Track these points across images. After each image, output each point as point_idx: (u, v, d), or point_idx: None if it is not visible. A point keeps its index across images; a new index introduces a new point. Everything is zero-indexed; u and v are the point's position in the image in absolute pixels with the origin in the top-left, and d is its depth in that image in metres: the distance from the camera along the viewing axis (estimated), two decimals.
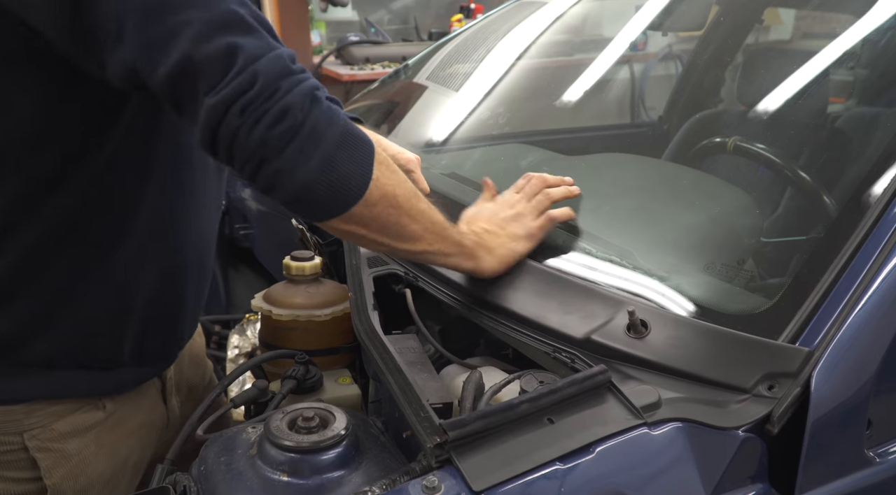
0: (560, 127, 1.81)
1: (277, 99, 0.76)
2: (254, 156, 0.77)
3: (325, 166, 0.80)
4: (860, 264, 0.89)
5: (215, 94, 0.75)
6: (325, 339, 1.23)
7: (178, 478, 0.85)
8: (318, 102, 0.80)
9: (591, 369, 0.83)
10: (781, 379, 0.82)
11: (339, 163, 0.81)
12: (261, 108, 0.76)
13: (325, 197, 0.81)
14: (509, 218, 1.10)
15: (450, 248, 0.98)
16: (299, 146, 0.78)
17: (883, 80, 1.34)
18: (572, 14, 1.94)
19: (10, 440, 0.96)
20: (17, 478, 0.98)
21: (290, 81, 0.78)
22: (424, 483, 0.73)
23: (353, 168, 0.82)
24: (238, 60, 0.75)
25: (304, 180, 0.79)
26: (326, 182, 0.80)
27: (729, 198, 1.24)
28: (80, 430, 0.99)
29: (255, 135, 0.76)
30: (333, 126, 0.81)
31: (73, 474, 0.99)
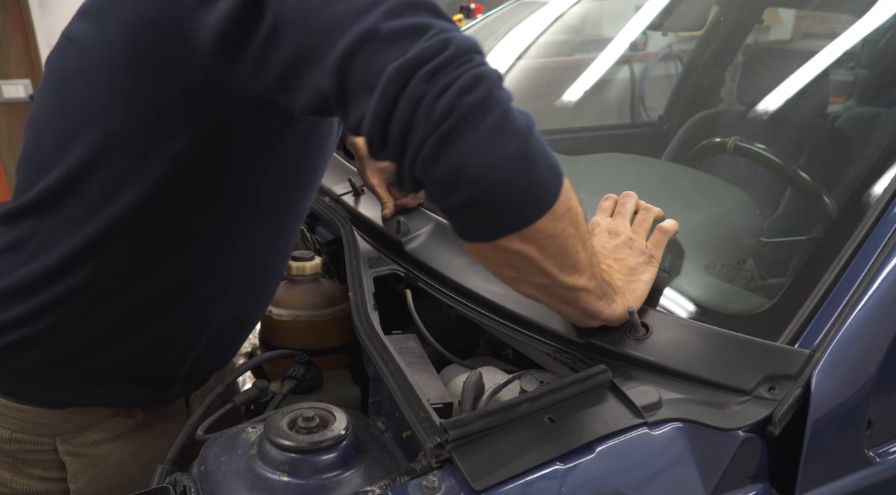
0: (560, 127, 1.81)
1: (472, 66, 0.65)
2: (438, 128, 0.63)
3: (525, 159, 0.65)
4: (860, 264, 0.89)
5: (400, 59, 0.64)
6: (325, 339, 1.23)
7: (178, 478, 0.85)
8: (507, 90, 0.68)
9: (592, 369, 0.83)
10: (782, 381, 0.82)
11: (536, 157, 0.66)
12: (452, 73, 0.63)
13: (517, 198, 0.67)
14: (620, 246, 0.95)
15: (602, 288, 0.84)
16: (497, 124, 0.64)
17: (883, 80, 1.34)
18: (572, 14, 1.94)
19: (43, 441, 0.97)
20: (42, 477, 1.00)
21: (481, 57, 0.67)
22: (424, 483, 0.73)
23: (548, 167, 0.68)
24: (429, 31, 0.65)
25: (498, 171, 0.64)
26: (523, 179, 0.66)
27: (729, 198, 1.24)
28: (111, 438, 1.01)
29: (443, 103, 0.63)
30: (525, 117, 0.67)
31: (96, 480, 1.01)
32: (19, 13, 3.86)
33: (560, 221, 0.71)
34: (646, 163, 1.47)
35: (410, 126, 0.64)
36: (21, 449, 0.98)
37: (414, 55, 0.63)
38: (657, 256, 0.96)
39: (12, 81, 3.96)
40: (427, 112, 0.63)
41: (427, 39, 0.64)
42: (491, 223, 0.69)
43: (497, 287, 1.06)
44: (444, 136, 0.63)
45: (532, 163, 0.66)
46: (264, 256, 1.01)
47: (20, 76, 3.96)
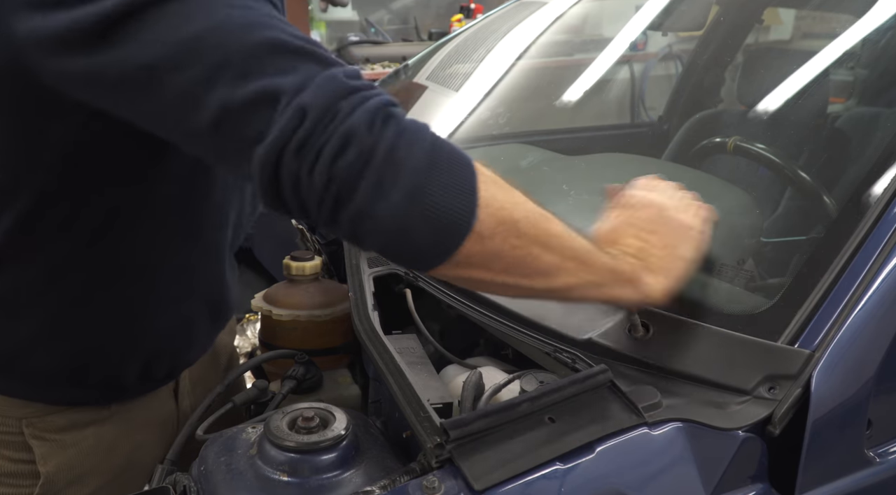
0: (560, 127, 1.81)
1: (337, 124, 0.63)
2: (325, 198, 0.63)
3: (414, 200, 0.63)
4: (860, 264, 0.89)
5: (262, 142, 0.63)
6: (325, 339, 1.23)
7: (178, 478, 0.85)
8: (392, 120, 0.65)
9: (592, 369, 0.83)
10: (782, 381, 0.82)
11: (433, 193, 0.64)
12: (319, 139, 0.62)
13: (424, 238, 0.65)
14: (655, 218, 0.85)
15: (602, 277, 0.78)
16: (375, 178, 0.63)
17: (883, 80, 1.34)
18: (572, 14, 1.94)
19: (9, 422, 0.97)
20: (11, 458, 0.99)
21: (351, 101, 0.64)
22: (424, 483, 0.73)
23: (452, 195, 0.65)
24: (280, 100, 0.63)
25: (392, 221, 0.63)
26: (421, 219, 0.64)
27: (729, 198, 1.24)
28: (80, 425, 1.00)
29: (319, 174, 0.62)
30: (417, 145, 0.65)
31: (68, 464, 1.00)
32: None
33: (491, 240, 0.67)
34: (646, 164, 1.47)
35: (301, 203, 0.65)
36: None
37: (274, 138, 0.63)
38: (704, 230, 0.87)
39: None
40: (307, 186, 0.64)
41: (280, 113, 0.63)
42: (413, 262, 0.70)
43: None
44: (332, 206, 0.64)
45: (426, 199, 0.64)
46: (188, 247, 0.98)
47: None
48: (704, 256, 0.86)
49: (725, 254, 1.11)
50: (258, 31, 0.67)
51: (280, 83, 0.64)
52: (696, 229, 0.85)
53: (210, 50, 0.65)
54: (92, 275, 0.91)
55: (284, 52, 0.66)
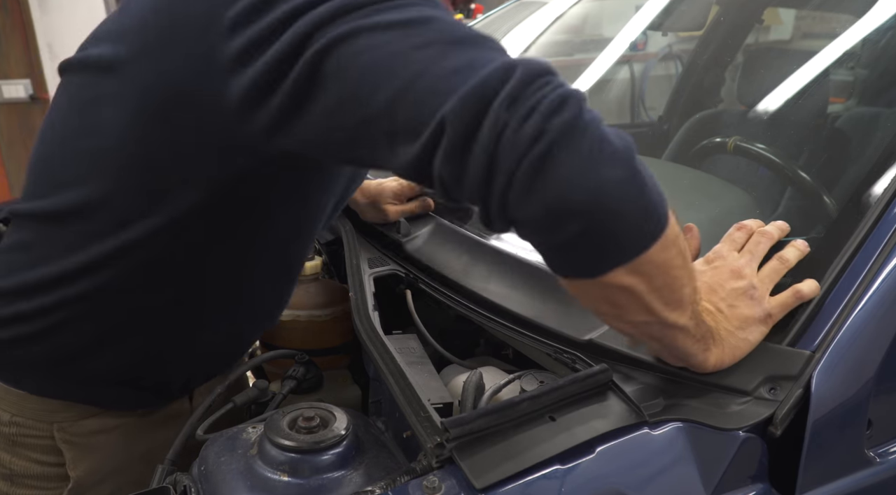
0: None
1: (553, 87, 0.58)
2: (529, 154, 0.56)
3: (634, 178, 0.58)
4: (860, 264, 0.89)
5: (461, 96, 0.58)
6: (325, 339, 1.23)
7: (178, 478, 0.85)
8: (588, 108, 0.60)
9: (592, 368, 0.83)
10: (782, 382, 0.82)
11: (646, 178, 0.59)
12: (535, 95, 0.57)
13: (630, 226, 0.59)
14: (739, 292, 0.82)
15: (699, 330, 0.74)
16: (597, 144, 0.57)
17: (883, 80, 1.34)
18: (572, 14, 1.94)
19: (41, 426, 0.99)
20: (40, 461, 1.01)
21: (559, 80, 0.60)
22: (425, 483, 0.73)
23: (654, 188, 0.60)
24: (486, 65, 0.59)
25: (612, 195, 0.57)
26: (636, 203, 0.58)
27: (729, 198, 1.24)
28: (108, 428, 1.02)
29: (529, 128, 0.56)
30: (621, 137, 0.60)
31: (95, 467, 1.02)
32: (19, 13, 3.85)
33: (669, 249, 0.63)
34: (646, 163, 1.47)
35: (495, 157, 0.57)
36: (19, 432, 0.99)
37: (480, 83, 0.57)
38: (776, 317, 0.83)
39: (12, 81, 3.95)
40: (513, 138, 0.56)
41: (490, 70, 0.58)
42: (599, 256, 0.62)
43: (497, 287, 1.06)
44: (538, 164, 0.56)
45: (642, 184, 0.59)
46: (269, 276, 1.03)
47: (20, 76, 3.96)
48: None
49: None
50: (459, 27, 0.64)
51: (482, 57, 0.60)
52: (773, 318, 0.83)
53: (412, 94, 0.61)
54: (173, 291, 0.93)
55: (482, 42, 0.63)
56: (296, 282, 1.12)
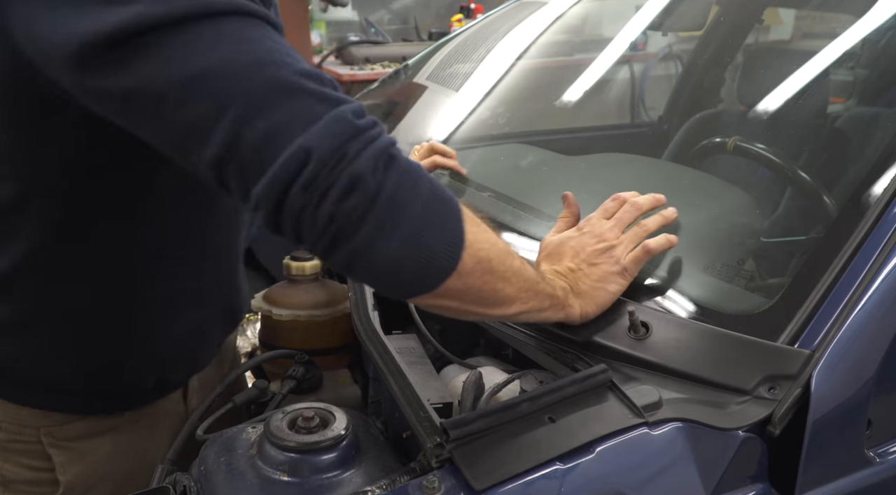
0: (560, 127, 1.81)
1: (343, 167, 0.66)
2: (324, 235, 0.67)
3: (410, 243, 0.69)
4: (860, 264, 0.89)
5: (266, 181, 0.66)
6: (325, 339, 1.23)
7: (178, 478, 0.85)
8: (393, 163, 0.68)
9: (592, 368, 0.83)
10: (782, 381, 0.82)
11: (426, 236, 0.70)
12: (325, 181, 0.65)
13: (412, 276, 0.71)
14: (599, 252, 0.97)
15: (543, 303, 0.87)
16: (376, 222, 0.67)
17: (883, 80, 1.34)
18: (572, 14, 1.94)
19: (27, 432, 0.98)
20: (30, 466, 1.00)
21: (358, 143, 0.67)
22: (424, 483, 0.73)
23: (442, 239, 0.71)
24: (287, 139, 0.66)
25: (387, 261, 0.68)
26: (413, 260, 0.69)
27: (729, 198, 1.24)
28: (96, 433, 1.00)
29: (323, 213, 0.66)
30: (416, 191, 0.69)
31: (85, 472, 1.00)
32: None
33: (468, 277, 0.74)
34: (646, 164, 1.48)
35: (299, 233, 0.68)
36: (8, 438, 0.98)
37: (278, 175, 0.65)
38: (631, 271, 0.97)
39: None
40: (309, 225, 0.67)
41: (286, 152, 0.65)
42: (397, 292, 0.76)
43: None
44: (330, 243, 0.68)
45: (418, 244, 0.69)
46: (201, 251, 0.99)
47: None
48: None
49: (725, 254, 1.11)
50: (265, 69, 0.68)
51: (287, 124, 0.66)
52: (629, 271, 0.97)
53: (215, 90, 0.67)
54: (105, 284, 0.91)
55: (291, 91, 0.67)
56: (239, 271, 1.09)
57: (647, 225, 1.01)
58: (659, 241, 0.99)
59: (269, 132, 0.66)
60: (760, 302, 0.96)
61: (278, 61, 0.68)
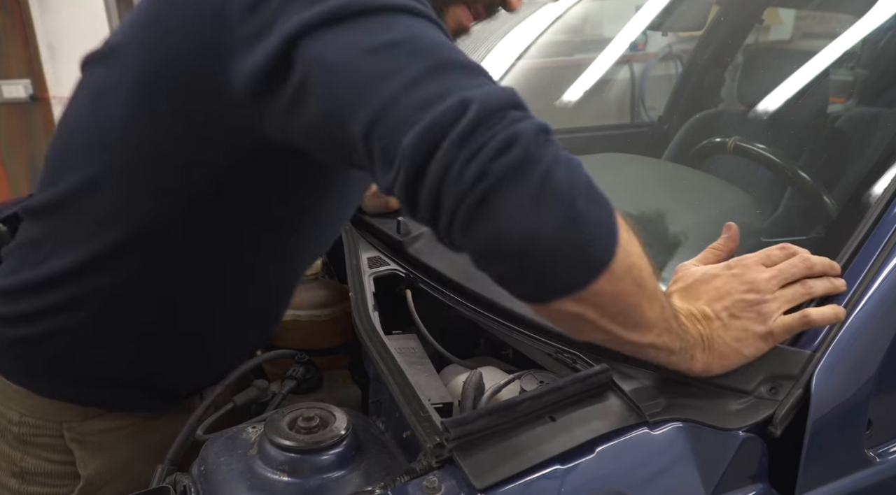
0: (560, 127, 1.81)
1: (505, 125, 0.60)
2: (469, 194, 0.59)
3: (570, 220, 0.60)
4: (860, 264, 0.89)
5: (419, 129, 0.60)
6: (325, 339, 1.23)
7: (178, 478, 0.85)
8: (553, 143, 0.62)
9: (593, 368, 0.83)
10: (782, 381, 0.82)
11: (586, 219, 0.61)
12: (483, 135, 0.59)
13: (565, 264, 0.62)
14: (746, 303, 0.80)
15: (674, 344, 0.75)
16: (537, 185, 0.59)
17: (883, 80, 1.34)
18: (572, 14, 1.94)
19: (50, 426, 0.99)
20: (50, 460, 1.01)
21: (520, 112, 0.62)
22: (425, 483, 0.73)
23: (600, 228, 0.63)
24: (448, 97, 0.61)
25: (545, 236, 0.59)
26: (573, 243, 0.61)
27: (729, 198, 1.25)
28: (117, 428, 1.02)
29: (473, 168, 0.58)
30: (577, 173, 0.62)
31: (105, 467, 1.02)
32: (19, 13, 3.85)
33: (619, 282, 0.65)
34: (646, 163, 1.48)
35: (440, 195, 0.60)
36: (29, 432, 0.99)
37: (435, 119, 0.59)
38: (777, 337, 0.81)
39: (12, 81, 3.95)
40: (456, 178, 0.59)
41: (446, 106, 0.60)
42: (539, 289, 0.65)
43: (497, 287, 1.05)
44: (476, 204, 0.59)
45: (581, 224, 0.61)
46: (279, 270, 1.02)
47: (20, 76, 3.95)
48: None
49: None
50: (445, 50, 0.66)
51: (450, 88, 0.62)
52: (774, 337, 0.81)
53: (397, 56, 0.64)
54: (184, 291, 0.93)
55: (466, 69, 0.66)
56: (300, 282, 1.12)
57: (813, 287, 0.84)
58: (824, 314, 0.82)
59: (436, 92, 0.61)
60: None
61: (455, 49, 0.67)
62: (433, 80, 0.63)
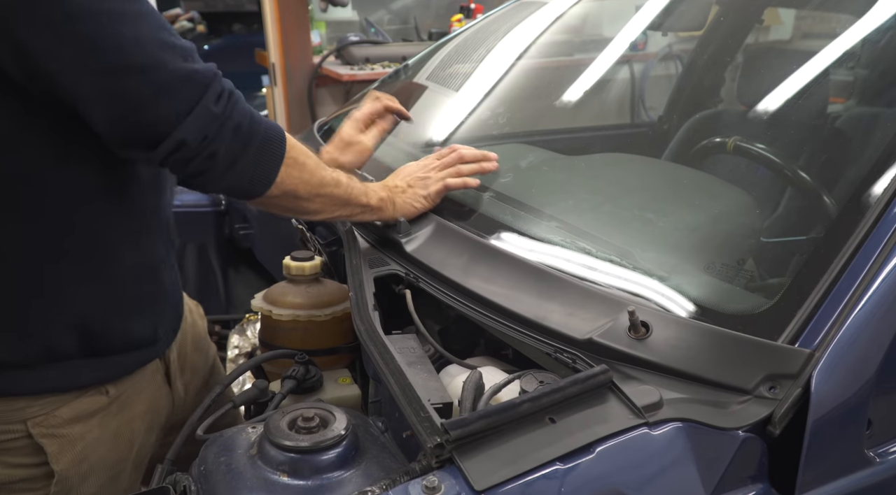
0: (560, 127, 1.81)
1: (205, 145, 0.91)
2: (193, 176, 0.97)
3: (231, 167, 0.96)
4: (860, 264, 0.89)
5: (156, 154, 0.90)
6: (325, 339, 1.23)
7: (178, 478, 0.85)
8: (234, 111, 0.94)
9: (593, 369, 0.83)
10: (782, 381, 0.82)
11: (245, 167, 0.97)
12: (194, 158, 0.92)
13: (238, 188, 1.00)
14: (417, 179, 1.28)
15: (353, 211, 1.16)
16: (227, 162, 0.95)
17: (883, 80, 1.34)
18: (572, 14, 1.94)
19: (13, 428, 0.97)
20: (21, 464, 1.00)
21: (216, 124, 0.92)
22: (425, 483, 0.73)
23: (258, 172, 0.99)
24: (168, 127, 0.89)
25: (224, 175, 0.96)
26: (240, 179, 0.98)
27: (729, 198, 1.24)
28: (84, 416, 1.01)
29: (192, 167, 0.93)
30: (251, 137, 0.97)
31: (78, 459, 1.01)
32: None
33: (277, 198, 1.03)
34: (646, 163, 1.48)
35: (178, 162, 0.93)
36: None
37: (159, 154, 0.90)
38: (432, 199, 1.27)
39: None
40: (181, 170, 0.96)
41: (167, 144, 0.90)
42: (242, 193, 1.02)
43: (497, 287, 1.06)
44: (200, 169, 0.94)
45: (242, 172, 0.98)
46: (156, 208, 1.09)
47: None
48: None
49: (725, 254, 1.11)
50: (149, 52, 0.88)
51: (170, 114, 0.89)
52: (431, 197, 1.27)
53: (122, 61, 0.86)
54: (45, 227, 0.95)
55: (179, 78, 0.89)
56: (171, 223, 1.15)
57: (460, 169, 1.29)
58: (459, 181, 1.28)
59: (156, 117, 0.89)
60: (761, 301, 0.96)
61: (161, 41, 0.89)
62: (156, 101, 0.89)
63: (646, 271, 1.05)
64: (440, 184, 1.27)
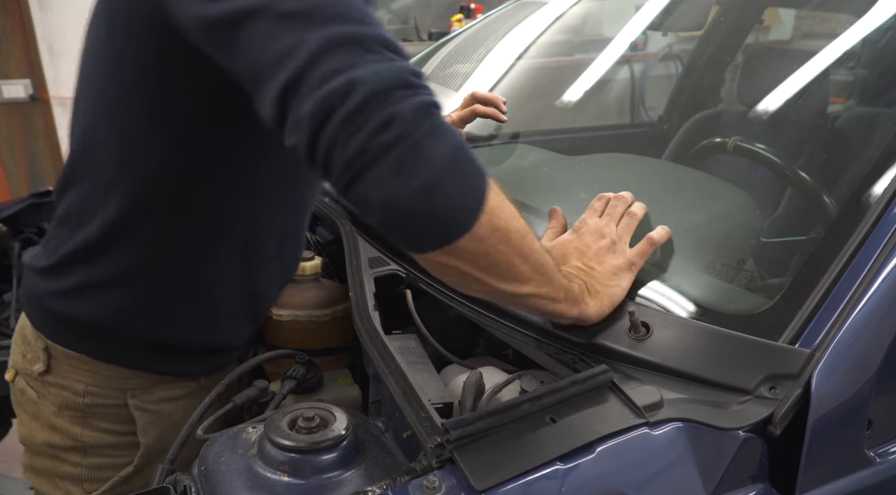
0: (560, 127, 1.81)
1: (387, 105, 0.68)
2: (348, 168, 0.69)
3: (429, 188, 0.69)
4: (860, 264, 0.89)
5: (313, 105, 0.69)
6: (325, 339, 1.23)
7: (178, 478, 0.85)
8: (430, 117, 0.70)
9: (593, 369, 0.83)
10: (783, 381, 0.82)
11: (447, 186, 0.70)
12: (364, 115, 0.68)
13: (424, 225, 0.72)
14: (604, 249, 0.99)
15: (557, 293, 0.87)
16: (398, 159, 0.68)
17: (883, 80, 1.34)
18: (572, 14, 1.94)
19: (115, 395, 1.05)
20: (111, 430, 1.07)
21: (405, 93, 0.69)
22: (425, 483, 0.73)
23: (461, 195, 0.72)
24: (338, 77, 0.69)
25: (401, 201, 0.69)
26: (426, 207, 0.70)
27: (729, 198, 1.24)
28: (175, 398, 1.08)
29: (353, 145, 0.68)
30: (443, 143, 0.70)
31: (162, 436, 1.07)
32: (19, 13, 3.85)
33: (483, 241, 0.75)
34: (646, 164, 1.48)
35: (328, 163, 0.70)
36: (94, 402, 1.04)
37: (322, 99, 0.68)
38: (638, 264, 1.00)
39: (12, 81, 3.95)
40: (340, 152, 0.69)
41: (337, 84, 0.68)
42: (410, 244, 0.76)
43: None
44: (352, 176, 0.69)
45: (438, 193, 0.70)
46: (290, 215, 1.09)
47: (20, 76, 3.96)
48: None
49: (725, 254, 1.11)
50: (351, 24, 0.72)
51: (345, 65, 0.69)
52: (636, 265, 1.00)
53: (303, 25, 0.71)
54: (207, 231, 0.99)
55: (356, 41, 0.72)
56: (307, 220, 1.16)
57: (634, 213, 1.06)
58: (660, 233, 1.03)
59: (336, 68, 0.69)
60: (761, 301, 0.96)
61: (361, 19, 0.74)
62: (331, 59, 0.70)
63: (646, 271, 1.05)
64: (642, 242, 1.01)
